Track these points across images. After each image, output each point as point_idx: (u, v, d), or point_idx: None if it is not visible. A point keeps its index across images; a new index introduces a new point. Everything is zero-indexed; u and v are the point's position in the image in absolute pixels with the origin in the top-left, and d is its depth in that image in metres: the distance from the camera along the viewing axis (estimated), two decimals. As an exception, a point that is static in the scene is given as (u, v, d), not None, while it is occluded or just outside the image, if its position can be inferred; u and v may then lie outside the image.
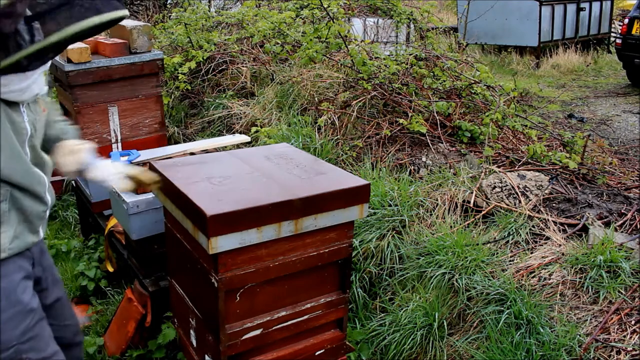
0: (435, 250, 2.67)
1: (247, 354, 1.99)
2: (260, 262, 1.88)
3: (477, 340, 2.40)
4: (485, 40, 10.95)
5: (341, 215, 1.97)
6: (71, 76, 3.11)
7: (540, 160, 3.44)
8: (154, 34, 5.64)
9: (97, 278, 3.25)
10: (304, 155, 2.30)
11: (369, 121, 3.81)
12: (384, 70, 3.97)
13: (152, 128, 3.47)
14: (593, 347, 2.16)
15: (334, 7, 4.74)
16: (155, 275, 2.72)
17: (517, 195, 2.94)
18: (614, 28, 12.17)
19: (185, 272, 2.15)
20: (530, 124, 4.08)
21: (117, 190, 2.66)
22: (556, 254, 2.59)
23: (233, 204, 1.79)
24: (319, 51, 4.35)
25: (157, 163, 2.18)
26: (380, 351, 2.57)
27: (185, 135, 4.56)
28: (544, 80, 9.31)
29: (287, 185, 1.95)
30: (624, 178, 3.54)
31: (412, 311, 2.55)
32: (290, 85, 4.30)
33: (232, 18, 5.63)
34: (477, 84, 4.13)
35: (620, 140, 5.97)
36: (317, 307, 2.07)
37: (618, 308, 2.28)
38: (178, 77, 4.70)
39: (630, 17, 8.61)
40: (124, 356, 2.65)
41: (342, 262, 2.08)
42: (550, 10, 10.42)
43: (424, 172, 3.39)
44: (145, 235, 2.63)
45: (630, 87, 8.94)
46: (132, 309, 2.67)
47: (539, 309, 2.32)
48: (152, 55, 3.32)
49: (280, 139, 3.55)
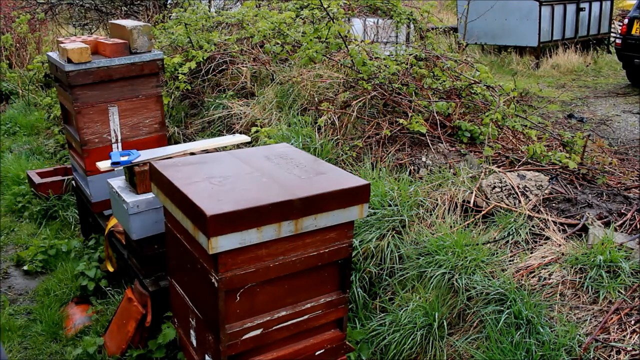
0: (435, 250, 2.67)
1: (247, 354, 1.99)
2: (260, 262, 1.88)
3: (477, 340, 2.40)
4: (485, 40, 10.96)
5: (341, 215, 1.97)
6: (71, 76, 3.11)
7: (540, 160, 3.44)
8: (154, 34, 5.64)
9: (97, 278, 3.25)
10: (304, 155, 2.30)
11: (369, 121, 3.81)
12: (384, 70, 3.97)
13: (152, 128, 3.47)
14: (593, 347, 2.16)
15: (334, 7, 4.74)
16: (155, 275, 2.72)
17: (517, 195, 2.94)
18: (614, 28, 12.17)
19: (185, 272, 2.15)
20: (530, 124, 4.08)
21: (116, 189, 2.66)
22: (556, 254, 2.59)
23: (233, 204, 1.79)
24: (319, 51, 4.35)
25: (157, 163, 2.18)
26: (380, 351, 2.57)
27: (185, 135, 4.56)
28: (544, 81, 9.32)
29: (287, 185, 1.95)
30: (623, 178, 3.54)
31: (412, 311, 2.55)
32: (290, 86, 4.30)
33: (232, 18, 5.63)
34: (477, 84, 4.13)
35: (620, 140, 5.97)
36: (317, 307, 2.07)
37: (618, 308, 2.28)
38: (178, 77, 4.70)
39: (630, 17, 8.61)
40: (124, 356, 2.65)
41: (342, 262, 2.08)
42: (550, 10, 10.43)
43: (424, 172, 3.39)
44: (145, 235, 2.63)
45: (630, 87, 8.94)
46: (132, 308, 2.67)
47: (539, 309, 2.32)
48: (152, 56, 3.32)
49: (280, 139, 3.55)
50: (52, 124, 6.00)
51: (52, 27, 9.27)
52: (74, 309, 3.17)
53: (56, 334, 3.00)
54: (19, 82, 7.37)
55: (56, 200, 4.29)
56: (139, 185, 2.58)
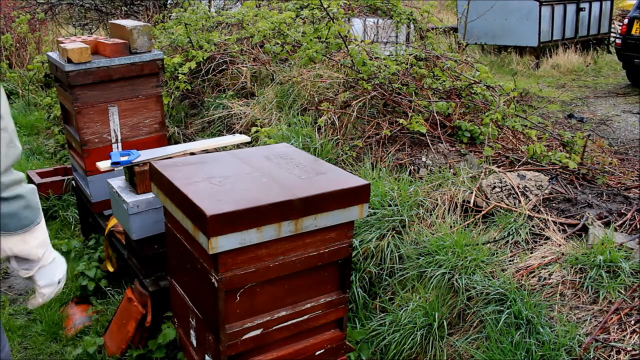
0: (435, 250, 2.67)
1: (247, 354, 1.99)
2: (260, 262, 1.88)
3: (477, 340, 2.40)
4: (485, 40, 10.96)
5: (341, 215, 1.97)
6: (71, 76, 3.11)
7: (540, 160, 3.44)
8: (154, 34, 5.64)
9: (97, 278, 3.25)
10: (304, 155, 2.30)
11: (369, 121, 3.81)
12: (384, 70, 3.97)
13: (152, 128, 3.47)
14: (593, 347, 2.16)
15: (334, 7, 4.74)
16: (155, 275, 2.72)
17: (517, 195, 2.94)
18: (614, 28, 12.18)
19: (185, 272, 2.15)
20: (530, 124, 4.08)
21: (116, 189, 2.66)
22: (556, 254, 2.59)
23: (233, 204, 1.79)
24: (319, 51, 4.35)
25: (157, 163, 2.18)
26: (380, 351, 2.57)
27: (185, 135, 4.56)
28: (544, 81, 9.32)
29: (287, 185, 1.95)
30: (623, 178, 3.54)
31: (412, 311, 2.55)
32: (290, 86, 4.30)
33: (232, 18, 5.63)
34: (477, 84, 4.13)
35: (620, 140, 5.98)
36: (317, 307, 2.07)
37: (618, 308, 2.28)
38: (178, 77, 4.70)
39: (630, 17, 8.62)
40: (124, 356, 2.65)
41: (342, 262, 2.08)
42: (550, 10, 10.43)
43: (424, 172, 3.39)
44: (145, 235, 2.63)
45: (630, 87, 8.94)
46: (132, 308, 2.67)
47: (539, 309, 2.32)
48: (153, 56, 3.32)
49: (280, 139, 3.55)
50: (52, 124, 5.99)
51: (52, 27, 9.28)
52: (74, 309, 3.17)
53: (56, 334, 3.01)
54: (19, 82, 7.37)
55: (56, 200, 4.29)
56: (139, 185, 2.58)
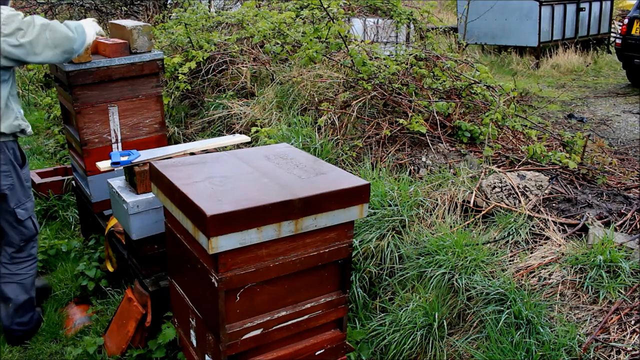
0: (435, 250, 2.67)
1: (247, 354, 1.99)
2: (260, 262, 1.88)
3: (477, 340, 2.40)
4: (485, 40, 10.97)
5: (341, 215, 1.97)
6: (71, 76, 3.10)
7: (540, 160, 3.44)
8: (154, 34, 5.64)
9: (97, 278, 3.25)
10: (304, 155, 2.30)
11: (369, 121, 3.81)
12: (384, 70, 3.97)
13: (152, 128, 3.47)
14: (593, 347, 2.16)
15: (334, 7, 4.74)
16: (155, 275, 2.72)
17: (517, 195, 2.94)
18: (614, 28, 12.18)
19: (185, 272, 2.15)
20: (530, 124, 4.08)
21: (116, 189, 2.66)
22: (556, 254, 2.59)
23: (233, 204, 1.79)
24: (319, 51, 4.35)
25: (157, 163, 2.18)
26: (380, 351, 2.57)
27: (185, 135, 4.56)
28: (544, 81, 9.32)
29: (287, 185, 1.95)
30: (623, 178, 3.54)
31: (412, 311, 2.55)
32: (290, 86, 4.30)
33: (232, 18, 5.63)
34: (477, 84, 4.13)
35: (620, 140, 5.98)
36: (317, 307, 2.07)
37: (618, 308, 2.28)
38: (178, 77, 4.70)
39: (630, 17, 8.62)
40: (124, 356, 2.65)
41: (342, 262, 2.08)
42: (550, 10, 10.43)
43: (424, 172, 3.39)
44: (145, 235, 2.63)
45: (630, 87, 8.95)
46: (132, 308, 2.67)
47: (539, 309, 2.32)
48: (153, 56, 3.32)
49: (280, 139, 3.55)
50: (52, 124, 6.00)
51: (52, 27, 9.24)
52: (74, 309, 3.17)
53: (56, 334, 3.01)
54: (18, 82, 7.37)
55: (56, 200, 4.29)
56: (139, 185, 2.58)
